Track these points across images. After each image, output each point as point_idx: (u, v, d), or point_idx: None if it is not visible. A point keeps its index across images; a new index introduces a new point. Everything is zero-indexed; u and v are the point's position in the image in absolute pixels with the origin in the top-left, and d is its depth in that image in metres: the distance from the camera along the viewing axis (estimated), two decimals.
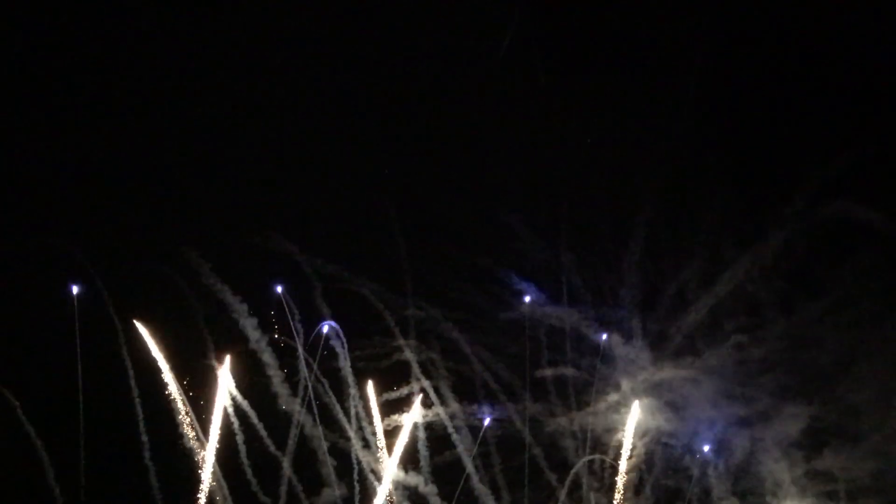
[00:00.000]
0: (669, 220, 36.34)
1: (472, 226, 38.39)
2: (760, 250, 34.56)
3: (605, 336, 35.96)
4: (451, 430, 35.94)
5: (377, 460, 35.56)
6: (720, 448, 35.51)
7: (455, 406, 36.65)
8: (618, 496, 34.63)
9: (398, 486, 35.22)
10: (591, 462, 35.57)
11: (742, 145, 36.40)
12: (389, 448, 35.52)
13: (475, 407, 36.82)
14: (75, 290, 34.67)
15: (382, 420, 36.20)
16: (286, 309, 37.59)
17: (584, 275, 36.95)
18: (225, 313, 35.59)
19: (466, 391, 37.35)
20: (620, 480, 34.73)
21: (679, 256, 36.34)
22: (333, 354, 37.11)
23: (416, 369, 37.21)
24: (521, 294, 37.62)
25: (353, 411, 36.08)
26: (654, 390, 35.57)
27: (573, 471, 34.97)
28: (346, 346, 36.77)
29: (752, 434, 34.81)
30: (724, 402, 35.36)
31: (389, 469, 34.82)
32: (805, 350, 34.81)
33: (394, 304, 38.28)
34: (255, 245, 37.50)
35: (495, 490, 35.52)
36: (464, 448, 35.83)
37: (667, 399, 35.43)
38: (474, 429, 36.52)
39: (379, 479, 35.07)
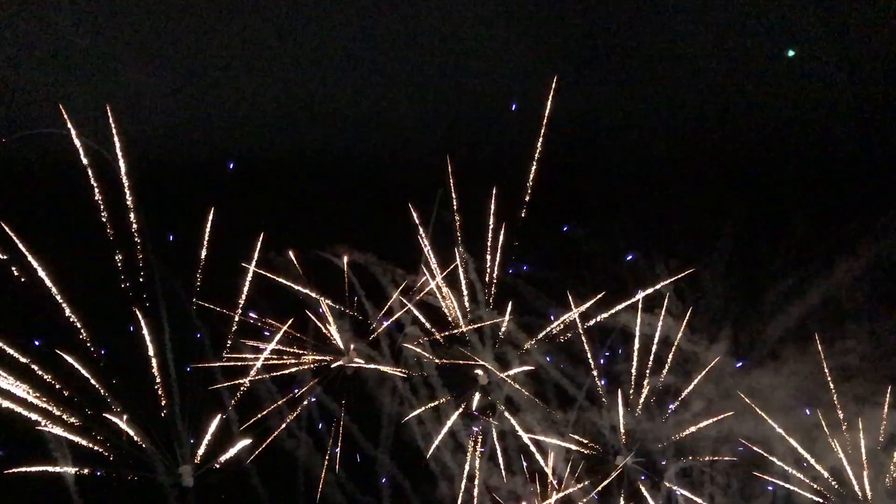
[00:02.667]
0: (756, 229, 37.18)
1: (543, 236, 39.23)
2: (849, 260, 35.31)
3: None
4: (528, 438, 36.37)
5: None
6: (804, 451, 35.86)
7: (537, 413, 37.12)
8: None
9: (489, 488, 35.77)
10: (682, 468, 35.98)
11: (834, 153, 37.37)
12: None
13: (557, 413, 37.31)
14: None
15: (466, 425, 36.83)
16: (368, 316, 38.47)
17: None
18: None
19: (548, 399, 37.97)
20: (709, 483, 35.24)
21: (765, 265, 37.14)
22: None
23: (497, 375, 37.73)
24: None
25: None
26: (739, 396, 36.08)
27: (665, 476, 35.38)
28: (430, 354, 37.49)
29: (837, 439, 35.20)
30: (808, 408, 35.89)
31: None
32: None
33: (468, 312, 38.88)
34: (336, 254, 38.67)
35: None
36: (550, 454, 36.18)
37: (753, 405, 35.81)
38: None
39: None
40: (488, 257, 38.43)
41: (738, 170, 37.92)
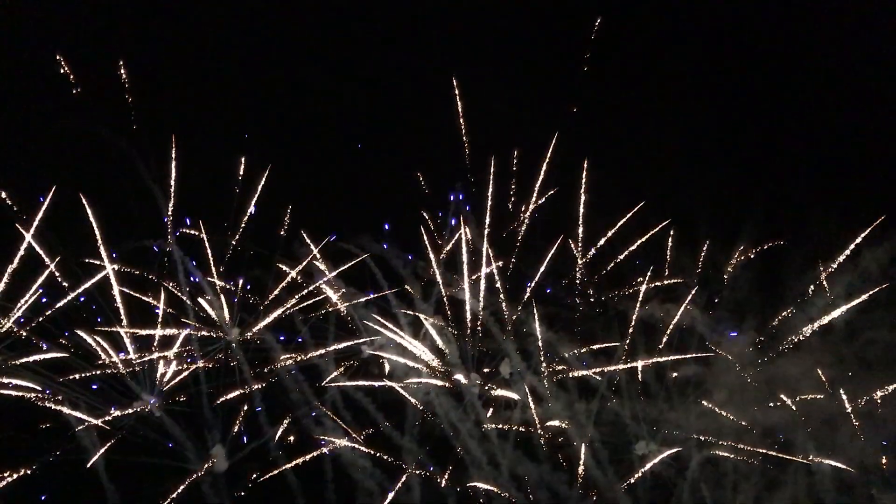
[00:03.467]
0: (781, 221, 37.74)
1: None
2: (875, 251, 35.79)
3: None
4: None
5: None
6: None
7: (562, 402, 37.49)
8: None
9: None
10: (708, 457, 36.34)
11: (860, 145, 37.88)
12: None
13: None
14: None
15: (493, 419, 37.36)
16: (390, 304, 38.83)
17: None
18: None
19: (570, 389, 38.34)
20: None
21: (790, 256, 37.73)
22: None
23: (517, 362, 38.04)
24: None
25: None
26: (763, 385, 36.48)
27: (691, 465, 35.72)
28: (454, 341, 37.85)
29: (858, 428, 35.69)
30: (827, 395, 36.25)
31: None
32: None
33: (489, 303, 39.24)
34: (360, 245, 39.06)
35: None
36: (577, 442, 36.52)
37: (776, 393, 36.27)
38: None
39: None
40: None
41: (763, 160, 38.48)
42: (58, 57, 34.36)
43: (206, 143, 38.60)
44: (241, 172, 36.80)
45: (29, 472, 32.89)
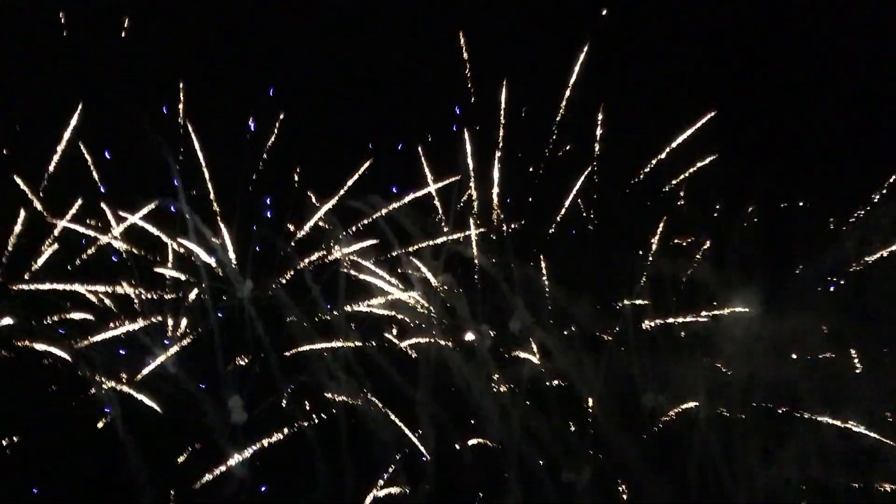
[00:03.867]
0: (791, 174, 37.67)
1: None
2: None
3: None
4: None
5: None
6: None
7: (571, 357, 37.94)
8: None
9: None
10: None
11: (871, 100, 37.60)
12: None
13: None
14: None
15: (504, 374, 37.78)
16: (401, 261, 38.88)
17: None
18: None
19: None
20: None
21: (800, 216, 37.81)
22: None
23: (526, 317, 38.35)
24: None
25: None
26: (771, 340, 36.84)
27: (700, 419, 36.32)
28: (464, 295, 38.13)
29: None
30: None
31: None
32: None
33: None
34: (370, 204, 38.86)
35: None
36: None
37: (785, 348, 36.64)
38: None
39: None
40: None
41: (778, 114, 38.18)
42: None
43: (215, 97, 38.06)
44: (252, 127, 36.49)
45: (41, 435, 33.30)
